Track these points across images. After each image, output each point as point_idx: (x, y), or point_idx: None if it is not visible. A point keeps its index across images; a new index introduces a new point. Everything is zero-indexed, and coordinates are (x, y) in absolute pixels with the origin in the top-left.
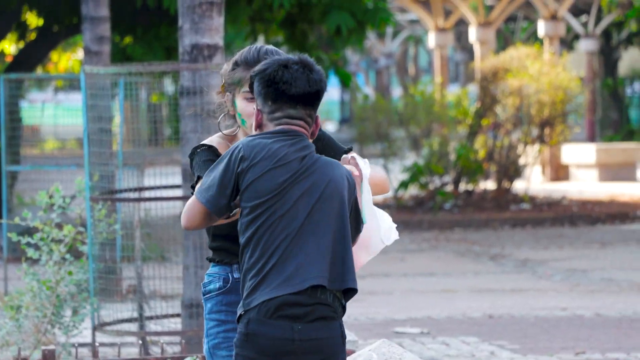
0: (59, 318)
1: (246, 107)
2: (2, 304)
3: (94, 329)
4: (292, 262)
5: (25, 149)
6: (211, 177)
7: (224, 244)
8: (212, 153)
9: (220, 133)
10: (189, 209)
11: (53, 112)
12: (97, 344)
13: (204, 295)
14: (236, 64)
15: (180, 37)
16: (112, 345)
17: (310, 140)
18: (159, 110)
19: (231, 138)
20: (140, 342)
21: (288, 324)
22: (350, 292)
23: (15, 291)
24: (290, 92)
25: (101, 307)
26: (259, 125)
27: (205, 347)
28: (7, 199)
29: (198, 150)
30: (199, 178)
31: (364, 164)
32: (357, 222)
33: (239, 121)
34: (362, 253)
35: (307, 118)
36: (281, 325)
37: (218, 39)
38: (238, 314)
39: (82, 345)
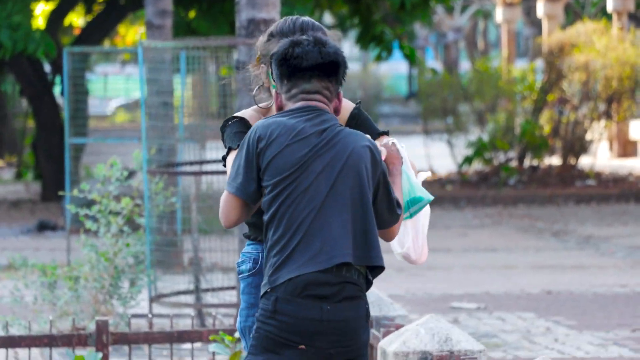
0: (117, 289)
1: None
2: (62, 274)
3: (151, 300)
4: (317, 238)
5: (96, 122)
6: (235, 165)
7: (258, 220)
8: (243, 125)
9: (255, 106)
10: (224, 205)
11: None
12: (152, 315)
13: (238, 274)
14: (271, 35)
15: (237, 12)
16: (168, 316)
17: (335, 116)
18: (228, 84)
19: (265, 111)
20: (196, 314)
21: (317, 304)
22: (377, 269)
23: (75, 262)
24: (302, 66)
25: (158, 279)
26: (279, 108)
27: (237, 325)
28: (72, 171)
29: (229, 122)
30: (229, 150)
31: (402, 149)
32: (389, 203)
33: (273, 93)
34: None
35: (325, 91)
36: (310, 305)
37: (275, 14)
38: (263, 291)
39: (138, 316)
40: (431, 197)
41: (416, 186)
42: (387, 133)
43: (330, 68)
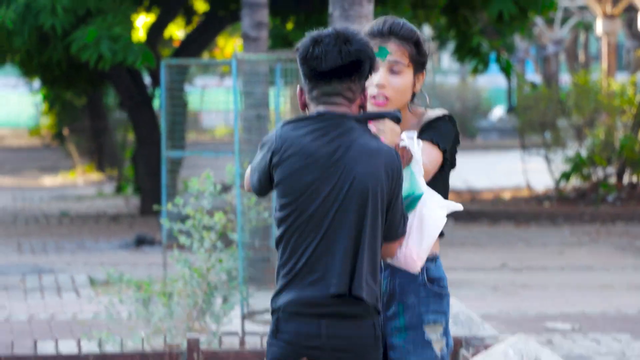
0: (210, 306)
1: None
2: (156, 290)
3: (243, 317)
4: (321, 264)
5: (195, 135)
6: (256, 160)
7: None
8: None
9: None
10: (246, 179)
11: (224, 98)
12: (243, 333)
13: None
14: (365, 34)
15: (330, 24)
16: (259, 334)
17: (354, 124)
18: None
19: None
20: None
21: (315, 320)
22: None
23: (169, 278)
24: (320, 69)
25: (251, 296)
26: (304, 105)
27: None
28: (168, 184)
29: None
30: None
31: (416, 146)
32: (402, 212)
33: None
34: (416, 239)
35: (347, 92)
36: (308, 321)
37: None
38: (271, 309)
39: (230, 334)
40: (420, 193)
41: (416, 184)
42: (437, 146)
43: (352, 68)
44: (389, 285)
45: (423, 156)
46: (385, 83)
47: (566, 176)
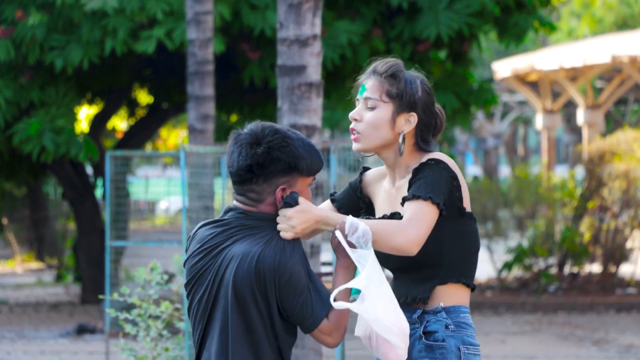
0: None
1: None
2: None
3: None
4: (207, 351)
5: (136, 224)
6: None
7: None
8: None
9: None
10: None
11: (164, 189)
12: None
13: None
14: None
15: (279, 118)
16: None
17: (251, 223)
18: None
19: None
20: None
21: None
22: None
23: None
24: (227, 169)
25: None
26: None
27: None
28: (111, 273)
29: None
30: None
31: (359, 235)
32: (300, 307)
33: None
34: (389, 345)
35: (249, 193)
36: None
37: (316, 120)
38: None
39: None
40: (356, 289)
41: (356, 279)
42: (419, 198)
43: (249, 172)
44: None
45: (407, 218)
46: (356, 117)
47: (508, 266)
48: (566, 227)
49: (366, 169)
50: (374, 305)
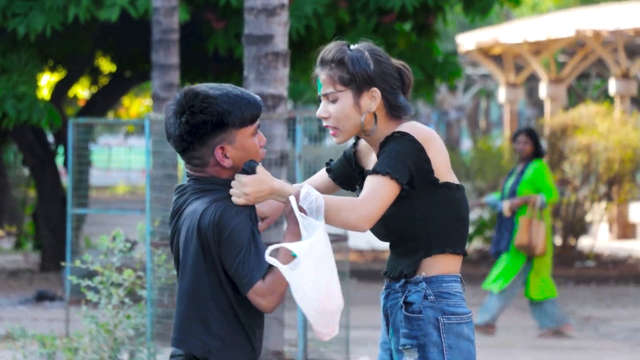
0: None
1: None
2: (61, 345)
3: None
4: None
5: (96, 192)
6: None
7: None
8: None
9: None
10: None
11: (125, 157)
12: None
13: None
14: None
15: (245, 87)
16: None
17: (197, 185)
18: None
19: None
20: None
21: None
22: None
23: (74, 333)
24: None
25: (158, 352)
26: None
27: None
28: (72, 241)
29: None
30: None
31: (312, 203)
32: (234, 269)
33: None
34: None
35: (193, 160)
36: None
37: (282, 90)
38: None
39: None
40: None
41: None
42: (378, 172)
43: (181, 143)
44: (384, 308)
45: (363, 194)
46: (324, 115)
47: (469, 238)
48: None
49: (359, 138)
50: (303, 274)
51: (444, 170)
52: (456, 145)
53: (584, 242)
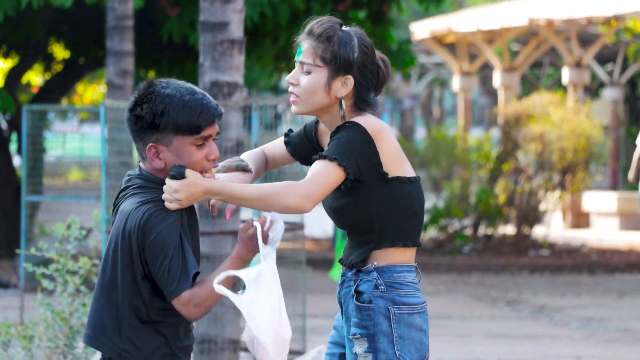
0: (72, 349)
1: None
2: (16, 333)
3: None
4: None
5: (50, 179)
6: None
7: None
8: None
9: None
10: None
11: (78, 144)
12: None
13: None
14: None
15: (200, 74)
16: None
17: (140, 181)
18: None
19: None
20: None
21: None
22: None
23: (29, 321)
24: None
25: None
26: None
27: None
28: (26, 229)
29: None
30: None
31: (278, 233)
32: (159, 275)
33: None
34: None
35: (138, 151)
36: None
37: (238, 77)
38: None
39: None
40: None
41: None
42: (325, 158)
43: (129, 132)
44: (338, 295)
45: (305, 178)
46: (293, 81)
47: (424, 227)
48: (481, 189)
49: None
50: (254, 301)
51: (394, 164)
52: (410, 134)
53: (538, 231)
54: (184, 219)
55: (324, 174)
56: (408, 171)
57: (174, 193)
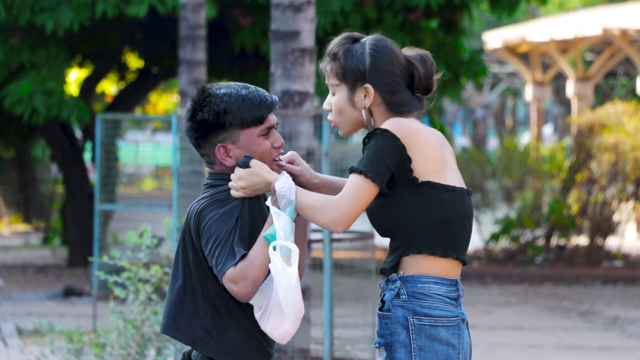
0: (143, 357)
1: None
2: (88, 341)
3: None
4: None
5: (124, 188)
6: None
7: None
8: None
9: None
10: None
11: (151, 153)
12: None
13: None
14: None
15: (272, 83)
16: None
17: (215, 184)
18: None
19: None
20: None
21: None
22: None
23: (101, 329)
24: None
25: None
26: None
27: None
28: (99, 237)
29: None
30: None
31: (282, 187)
32: (211, 262)
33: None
34: (279, 318)
35: (203, 158)
36: None
37: (309, 86)
38: None
39: None
40: (270, 234)
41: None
42: (355, 171)
43: (190, 142)
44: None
45: (341, 193)
46: (327, 107)
47: (495, 237)
48: (554, 199)
49: None
50: (293, 276)
51: (428, 168)
52: (483, 144)
53: (612, 242)
54: (244, 208)
55: (356, 191)
56: (447, 179)
57: (238, 180)
